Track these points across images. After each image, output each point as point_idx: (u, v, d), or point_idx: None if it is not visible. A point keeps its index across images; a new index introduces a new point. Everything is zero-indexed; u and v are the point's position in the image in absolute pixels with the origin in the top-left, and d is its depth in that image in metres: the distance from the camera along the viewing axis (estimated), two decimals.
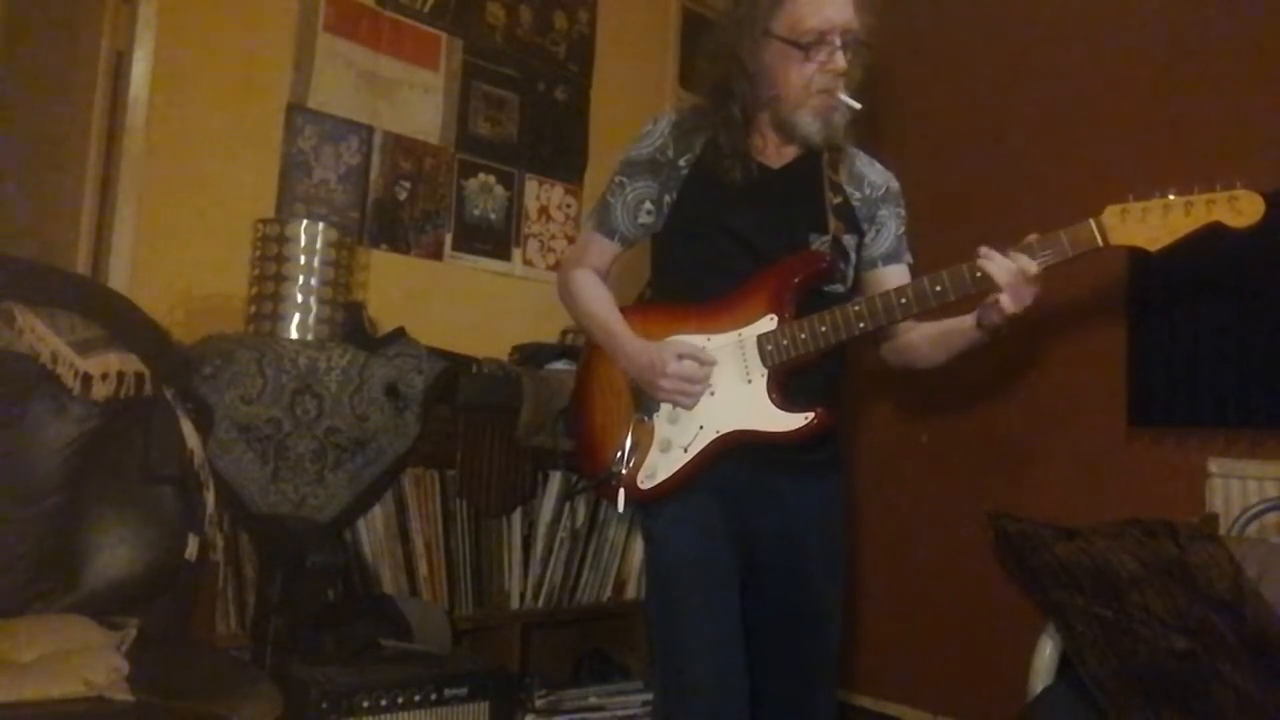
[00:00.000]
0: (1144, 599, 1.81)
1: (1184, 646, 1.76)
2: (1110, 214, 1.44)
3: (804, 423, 1.56)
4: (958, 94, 3.10)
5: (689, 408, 1.60)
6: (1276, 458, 2.36)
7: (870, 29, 1.61)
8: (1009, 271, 1.45)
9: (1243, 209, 1.40)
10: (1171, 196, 1.42)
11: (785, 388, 1.58)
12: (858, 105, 1.58)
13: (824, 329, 1.54)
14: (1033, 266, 1.45)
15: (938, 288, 1.51)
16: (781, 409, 1.57)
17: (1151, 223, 1.42)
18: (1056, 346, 2.80)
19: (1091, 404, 2.70)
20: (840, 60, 1.57)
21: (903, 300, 1.52)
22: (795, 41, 1.57)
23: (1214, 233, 1.39)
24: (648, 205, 1.72)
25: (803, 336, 1.55)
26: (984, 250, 1.47)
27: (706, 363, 1.58)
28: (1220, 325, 2.43)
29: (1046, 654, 1.99)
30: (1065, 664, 1.95)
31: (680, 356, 1.57)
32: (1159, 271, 2.54)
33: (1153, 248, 1.43)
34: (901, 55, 3.04)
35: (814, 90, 1.58)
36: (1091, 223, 1.45)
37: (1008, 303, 1.46)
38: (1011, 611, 2.48)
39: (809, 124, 1.60)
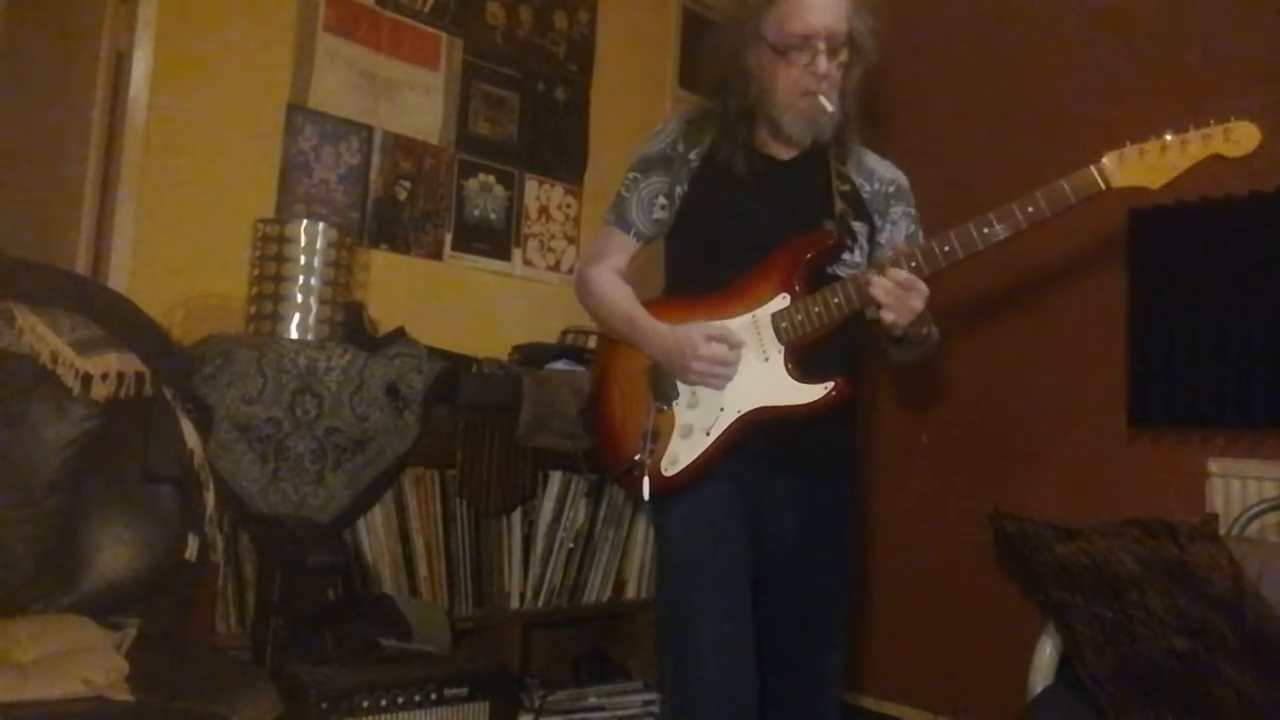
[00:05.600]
0: (1144, 599, 1.81)
1: (1184, 646, 1.76)
2: (1110, 158, 1.46)
3: (824, 393, 1.56)
4: (954, 86, 3.10)
5: (720, 389, 1.60)
6: (1276, 458, 2.36)
7: (867, 30, 1.62)
8: (885, 290, 1.49)
9: (1239, 139, 1.41)
10: (1168, 137, 1.43)
11: (803, 363, 1.59)
12: (830, 108, 1.61)
13: (836, 300, 1.56)
14: (900, 275, 1.48)
15: (946, 248, 1.52)
16: (800, 381, 1.57)
17: (1150, 162, 1.44)
18: (1056, 347, 2.80)
19: (1091, 404, 2.70)
20: (822, 64, 1.58)
21: (912, 264, 1.53)
22: (775, 46, 1.59)
23: (1215, 232, 1.39)
24: (661, 200, 1.74)
25: (816, 310, 1.56)
26: (870, 278, 1.51)
27: (735, 344, 1.59)
28: (1220, 325, 2.43)
29: (1046, 654, 1.99)
30: (1065, 664, 1.95)
31: (709, 338, 1.58)
32: (1160, 271, 2.54)
33: (1155, 186, 1.45)
34: (896, 49, 3.04)
35: (798, 92, 1.61)
36: (1092, 168, 1.46)
37: (888, 316, 1.50)
38: (1011, 611, 2.48)
39: (794, 125, 1.63)
